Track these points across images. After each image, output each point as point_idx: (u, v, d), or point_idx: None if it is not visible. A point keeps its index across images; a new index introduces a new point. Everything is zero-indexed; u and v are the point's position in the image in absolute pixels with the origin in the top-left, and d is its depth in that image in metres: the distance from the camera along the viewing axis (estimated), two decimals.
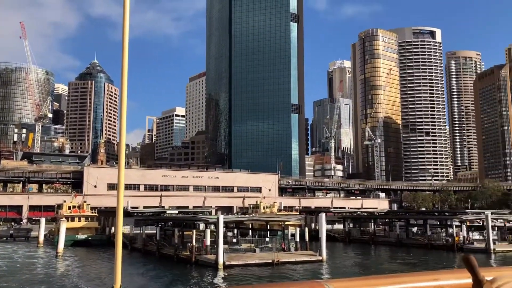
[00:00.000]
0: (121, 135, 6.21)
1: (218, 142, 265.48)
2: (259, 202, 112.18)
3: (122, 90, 6.19)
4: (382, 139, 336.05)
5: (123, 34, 6.09)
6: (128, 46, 6.24)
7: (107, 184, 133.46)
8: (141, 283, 46.21)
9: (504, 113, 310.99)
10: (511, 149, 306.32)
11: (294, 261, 52.49)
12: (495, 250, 67.57)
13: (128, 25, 6.18)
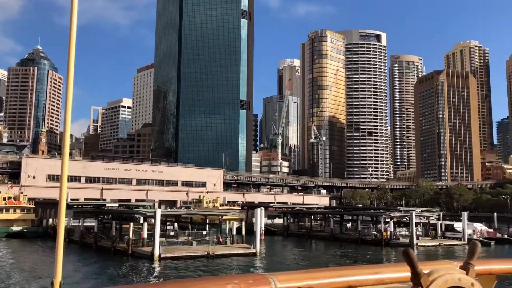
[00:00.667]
0: (65, 125, 6.11)
1: (165, 135, 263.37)
2: (202, 196, 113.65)
3: (68, 78, 6.02)
4: (327, 138, 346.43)
5: (71, 20, 5.98)
6: (76, 33, 6.10)
7: (47, 175, 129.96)
8: (77, 274, 46.68)
9: (440, 116, 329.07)
10: (446, 151, 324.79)
11: (228, 254, 54.70)
12: (417, 245, 73.04)
13: (76, 11, 6.05)
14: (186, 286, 1.74)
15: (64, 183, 5.44)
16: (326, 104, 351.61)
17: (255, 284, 1.94)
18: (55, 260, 5.36)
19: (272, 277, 2.02)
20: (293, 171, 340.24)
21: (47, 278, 44.12)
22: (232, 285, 1.86)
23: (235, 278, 1.90)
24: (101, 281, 43.50)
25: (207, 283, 1.81)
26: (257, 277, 1.98)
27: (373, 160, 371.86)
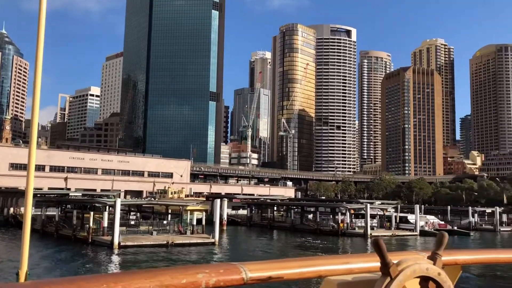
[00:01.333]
0: (33, 114, 6.04)
1: (134, 125, 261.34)
2: (167, 187, 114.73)
3: (37, 65, 5.95)
4: (296, 131, 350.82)
5: (40, 6, 5.96)
6: (45, 19, 6.06)
7: (9, 164, 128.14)
8: (37, 263, 47.49)
9: (406, 112, 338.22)
10: (410, 146, 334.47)
11: (187, 243, 56.49)
12: (371, 235, 76.67)
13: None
14: (156, 275, 1.74)
15: (31, 172, 5.54)
16: (295, 98, 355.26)
17: (226, 274, 1.94)
18: (21, 250, 5.42)
19: (243, 266, 2.03)
20: (262, 163, 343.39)
21: (7, 262, 44.90)
22: (203, 274, 1.87)
23: (206, 268, 1.91)
24: (62, 269, 44.54)
25: (177, 272, 1.82)
26: (228, 266, 1.99)
27: (341, 153, 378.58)
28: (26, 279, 5.66)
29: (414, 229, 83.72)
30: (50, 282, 1.52)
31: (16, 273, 5.51)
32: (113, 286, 1.58)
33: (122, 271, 1.79)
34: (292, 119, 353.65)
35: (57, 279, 1.55)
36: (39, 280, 1.48)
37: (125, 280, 1.64)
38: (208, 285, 1.86)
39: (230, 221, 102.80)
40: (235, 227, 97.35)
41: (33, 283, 1.49)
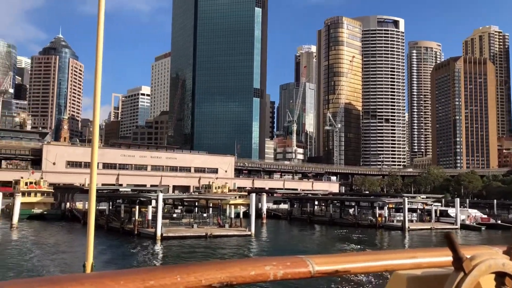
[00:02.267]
0: (94, 115, 6.14)
1: (183, 122, 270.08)
2: (211, 182, 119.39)
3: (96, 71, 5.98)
4: (343, 125, 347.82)
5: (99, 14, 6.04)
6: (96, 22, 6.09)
7: (66, 162, 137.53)
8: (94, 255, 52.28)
9: (456, 103, 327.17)
10: (462, 138, 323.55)
11: (225, 235, 59.94)
12: (409, 228, 77.13)
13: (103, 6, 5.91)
14: (226, 266, 1.77)
15: (94, 170, 5.74)
16: (341, 91, 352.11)
17: (293, 266, 1.94)
18: (87, 243, 5.85)
19: (309, 259, 2.01)
20: (308, 158, 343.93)
21: (70, 253, 49.98)
22: (270, 267, 1.88)
23: (273, 260, 1.91)
24: (111, 258, 49.04)
25: (245, 264, 1.84)
26: (295, 259, 1.98)
27: (390, 147, 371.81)
28: (92, 270, 6.05)
29: (454, 222, 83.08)
30: (124, 273, 1.58)
31: (82, 265, 5.97)
32: (186, 277, 1.64)
33: (194, 262, 1.85)
34: (338, 113, 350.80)
35: (130, 270, 1.63)
36: (116, 271, 1.58)
37: (198, 271, 1.69)
38: (276, 277, 1.88)
39: (272, 215, 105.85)
40: (275, 221, 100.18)
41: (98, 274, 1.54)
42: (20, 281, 1.36)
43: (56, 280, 1.40)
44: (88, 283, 1.43)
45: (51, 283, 1.37)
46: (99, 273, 1.52)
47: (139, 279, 1.54)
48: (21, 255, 46.98)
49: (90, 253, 6.26)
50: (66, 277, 1.44)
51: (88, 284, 1.43)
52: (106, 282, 1.48)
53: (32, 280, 1.36)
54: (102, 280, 1.48)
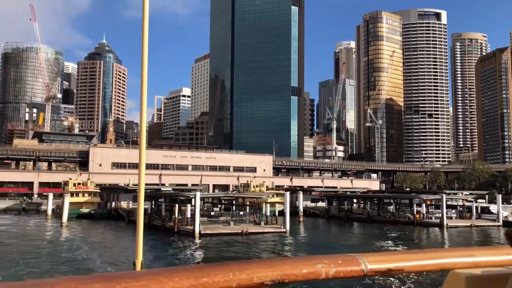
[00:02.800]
0: (141, 118, 6.42)
1: (222, 122, 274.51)
2: (249, 181, 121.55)
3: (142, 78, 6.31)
4: (384, 121, 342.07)
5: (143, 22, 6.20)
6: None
7: (111, 163, 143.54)
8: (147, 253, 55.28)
9: (504, 96, 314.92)
10: (510, 132, 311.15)
11: (260, 232, 61.68)
12: (447, 225, 76.18)
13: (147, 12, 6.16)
14: (278, 264, 1.78)
15: (142, 171, 6.00)
16: (382, 87, 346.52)
17: (345, 265, 1.93)
18: (136, 242, 6.05)
19: (361, 258, 1.99)
20: (349, 155, 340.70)
21: (114, 249, 53.19)
22: (322, 265, 1.88)
23: (325, 259, 1.91)
24: (154, 254, 51.79)
25: (297, 262, 1.85)
26: (347, 257, 1.97)
27: (434, 142, 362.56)
28: (142, 268, 6.20)
29: (496, 219, 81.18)
30: (177, 270, 1.62)
31: (132, 263, 6.15)
32: (238, 274, 1.67)
33: (246, 260, 1.81)
34: (379, 109, 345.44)
35: (183, 267, 1.66)
36: (169, 268, 1.64)
37: (249, 268, 1.72)
38: (328, 275, 1.88)
39: (310, 213, 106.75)
40: (313, 219, 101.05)
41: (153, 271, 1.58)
42: (79, 278, 1.42)
43: (114, 277, 1.45)
44: (144, 280, 1.47)
45: (109, 279, 1.42)
46: (154, 270, 1.55)
47: (192, 276, 1.58)
48: (71, 251, 50.53)
49: (139, 251, 6.60)
50: (123, 274, 1.48)
51: (144, 280, 1.47)
52: (161, 279, 1.51)
53: (91, 277, 1.42)
54: (157, 277, 1.51)
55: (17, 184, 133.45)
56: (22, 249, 49.88)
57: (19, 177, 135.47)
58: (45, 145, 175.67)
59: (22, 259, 42.70)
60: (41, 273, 36.53)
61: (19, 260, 42.06)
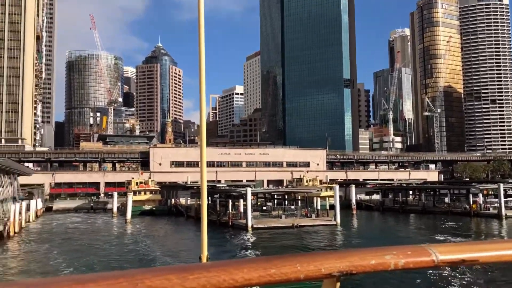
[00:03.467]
0: (201, 118, 6.20)
1: (276, 118, 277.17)
2: (302, 176, 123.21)
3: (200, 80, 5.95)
4: (443, 109, 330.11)
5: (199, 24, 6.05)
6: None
7: (170, 162, 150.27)
8: (194, 244, 58.99)
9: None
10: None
11: (310, 225, 63.54)
12: (506, 215, 74.15)
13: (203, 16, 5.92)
14: (346, 256, 1.78)
15: (203, 169, 5.90)
16: (439, 74, 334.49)
17: (414, 256, 1.89)
18: (201, 237, 6.30)
19: (431, 248, 1.94)
20: (407, 146, 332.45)
21: (175, 242, 57.15)
22: (391, 256, 1.85)
23: (394, 250, 1.89)
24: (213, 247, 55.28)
25: (365, 253, 1.84)
26: (415, 248, 1.93)
27: (498, 129, 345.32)
28: (207, 261, 6.44)
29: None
30: (246, 262, 1.66)
31: (198, 257, 6.40)
32: (306, 265, 1.70)
33: (313, 252, 1.91)
34: (437, 97, 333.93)
35: (251, 259, 1.71)
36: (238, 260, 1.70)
37: (317, 260, 1.73)
38: (397, 266, 1.86)
39: (363, 206, 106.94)
40: (367, 212, 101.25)
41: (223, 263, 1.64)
42: (153, 269, 1.52)
43: (186, 268, 1.54)
44: (214, 271, 1.54)
45: (181, 270, 1.51)
46: (223, 262, 1.62)
47: (261, 267, 1.62)
48: (135, 244, 55.08)
49: (204, 245, 6.83)
50: (195, 265, 1.57)
51: (214, 272, 1.54)
52: (231, 270, 1.58)
53: (165, 268, 1.51)
54: (227, 268, 1.58)
55: (85, 184, 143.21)
56: (92, 243, 55.05)
57: (86, 178, 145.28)
58: (109, 147, 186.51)
59: (93, 251, 47.47)
60: (110, 262, 40.69)
61: (91, 252, 46.82)
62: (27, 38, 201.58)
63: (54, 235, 62.49)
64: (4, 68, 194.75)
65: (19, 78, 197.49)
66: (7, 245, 52.86)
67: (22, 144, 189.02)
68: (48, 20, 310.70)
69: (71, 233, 65.22)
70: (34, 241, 57.00)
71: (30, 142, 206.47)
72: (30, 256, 45.78)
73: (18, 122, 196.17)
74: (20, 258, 44.83)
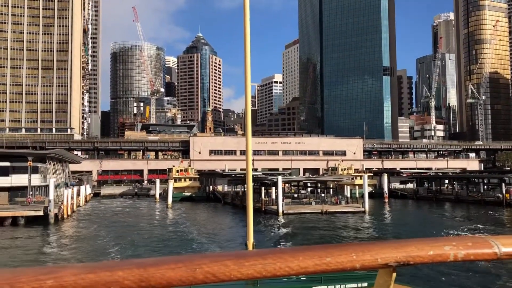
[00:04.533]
0: (246, 109, 6.46)
1: (315, 106, 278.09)
2: (337, 164, 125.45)
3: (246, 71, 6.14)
4: (488, 96, 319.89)
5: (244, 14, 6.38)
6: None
7: (209, 150, 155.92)
8: (230, 226, 63.20)
9: None
10: None
11: (339, 211, 66.48)
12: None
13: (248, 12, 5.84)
14: (403, 246, 1.75)
15: (249, 158, 6.12)
16: (485, 60, 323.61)
17: (475, 247, 1.81)
18: (247, 225, 6.54)
19: (494, 240, 1.84)
20: (450, 134, 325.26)
21: (213, 225, 61.61)
22: (450, 247, 1.80)
23: (453, 240, 1.82)
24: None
25: (423, 243, 1.79)
26: (477, 240, 1.85)
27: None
28: (253, 248, 7.08)
29: None
30: (302, 249, 1.67)
31: (244, 244, 6.69)
32: (362, 255, 1.68)
33: (369, 242, 1.84)
34: (482, 84, 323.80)
35: (306, 247, 1.69)
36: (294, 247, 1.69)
37: (373, 249, 1.72)
38: (457, 258, 1.80)
39: (398, 195, 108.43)
40: (401, 200, 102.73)
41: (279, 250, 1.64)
42: (211, 255, 1.57)
43: (242, 255, 1.58)
44: (271, 258, 1.57)
45: (238, 257, 1.56)
46: (279, 249, 1.64)
47: (316, 255, 1.64)
48: (176, 226, 60.06)
49: (250, 233, 6.90)
50: (251, 252, 1.62)
51: (270, 259, 1.57)
52: (286, 257, 1.60)
53: (223, 254, 1.56)
54: (283, 256, 1.60)
55: (130, 171, 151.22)
56: (137, 224, 60.43)
57: (131, 165, 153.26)
58: (152, 135, 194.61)
59: (137, 232, 52.61)
60: (153, 241, 45.41)
61: (135, 232, 51.96)
62: (74, 32, 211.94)
63: (102, 218, 68.51)
64: (54, 62, 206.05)
65: (67, 70, 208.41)
66: (62, 226, 59.01)
67: (71, 133, 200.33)
68: (93, 13, 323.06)
69: (118, 216, 71.15)
70: (84, 223, 63.05)
71: (78, 131, 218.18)
72: (81, 235, 51.38)
73: (67, 112, 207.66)
74: (73, 237, 50.47)
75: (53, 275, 1.35)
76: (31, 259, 37.10)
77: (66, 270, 1.38)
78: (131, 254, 38.63)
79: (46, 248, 42.49)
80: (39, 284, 1.32)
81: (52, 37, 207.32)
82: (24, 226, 56.27)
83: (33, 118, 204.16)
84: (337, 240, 46.91)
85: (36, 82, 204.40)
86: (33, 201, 64.26)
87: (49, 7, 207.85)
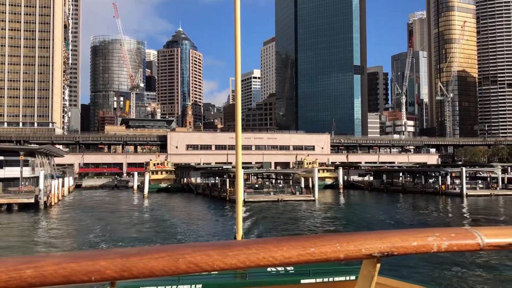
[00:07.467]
0: (236, 105, 7.20)
1: (292, 101, 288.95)
2: (303, 158, 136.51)
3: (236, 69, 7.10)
4: (456, 94, 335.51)
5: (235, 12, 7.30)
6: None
7: (186, 145, 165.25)
8: (198, 212, 73.01)
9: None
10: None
11: (292, 200, 77.11)
12: (467, 195, 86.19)
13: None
14: (387, 237, 1.78)
15: (239, 152, 7.15)
16: (453, 59, 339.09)
17: (458, 238, 1.84)
18: (236, 218, 7.19)
19: (477, 231, 1.87)
20: (420, 130, 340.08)
21: (187, 213, 71.33)
22: (433, 238, 1.82)
23: (436, 231, 1.84)
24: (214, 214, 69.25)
25: (407, 234, 1.82)
26: (460, 231, 1.88)
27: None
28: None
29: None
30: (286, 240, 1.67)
31: (233, 237, 7.25)
32: (346, 245, 1.70)
33: (353, 232, 1.85)
34: (450, 82, 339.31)
35: (291, 237, 1.73)
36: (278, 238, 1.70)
37: (358, 240, 1.74)
38: (440, 249, 1.82)
39: (355, 186, 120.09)
40: (355, 191, 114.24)
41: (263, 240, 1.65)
42: (194, 245, 1.58)
43: (226, 245, 1.59)
44: (254, 248, 1.59)
45: (222, 247, 1.57)
46: (263, 240, 1.65)
47: (300, 246, 1.65)
48: (152, 212, 69.74)
49: (239, 225, 7.29)
50: (234, 242, 1.63)
51: (254, 249, 1.59)
52: (270, 247, 1.61)
53: (206, 244, 1.59)
54: (266, 246, 1.61)
55: (110, 165, 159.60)
56: (116, 210, 69.99)
57: (111, 159, 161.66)
58: (131, 130, 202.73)
59: (116, 216, 62.24)
60: (133, 225, 54.94)
61: (114, 217, 61.59)
62: (56, 29, 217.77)
63: (85, 205, 77.80)
64: (36, 58, 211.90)
65: (49, 66, 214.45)
66: (51, 212, 68.23)
67: (53, 127, 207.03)
68: (73, 7, 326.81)
69: (99, 204, 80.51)
70: (70, 209, 72.31)
71: (59, 125, 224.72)
72: (68, 218, 60.78)
73: (49, 107, 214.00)
74: (61, 221, 59.77)
75: (33, 264, 1.38)
76: (27, 235, 46.54)
77: (47, 259, 1.41)
78: (110, 234, 47.99)
79: (40, 228, 51.92)
80: (18, 274, 1.35)
81: (33, 34, 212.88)
82: (18, 212, 65.38)
83: (15, 113, 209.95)
84: (286, 217, 57.52)
85: (18, 78, 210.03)
86: (24, 190, 73.16)
87: (30, 4, 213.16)
